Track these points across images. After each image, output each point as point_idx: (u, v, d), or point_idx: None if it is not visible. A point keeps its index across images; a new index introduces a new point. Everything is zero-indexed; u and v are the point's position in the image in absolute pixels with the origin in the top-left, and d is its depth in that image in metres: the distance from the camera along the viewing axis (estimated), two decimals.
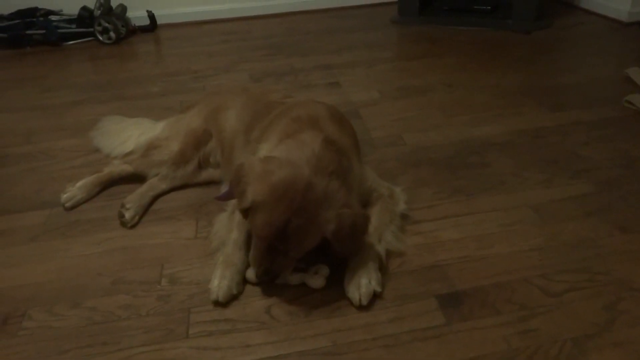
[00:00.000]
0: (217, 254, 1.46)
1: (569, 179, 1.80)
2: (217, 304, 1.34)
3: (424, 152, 2.02)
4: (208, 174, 1.90)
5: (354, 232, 1.31)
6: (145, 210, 1.76)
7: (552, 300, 1.30)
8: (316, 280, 1.38)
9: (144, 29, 3.81)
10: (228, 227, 1.50)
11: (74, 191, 1.81)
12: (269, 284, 1.37)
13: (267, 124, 1.61)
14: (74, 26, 3.61)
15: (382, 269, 1.40)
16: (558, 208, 1.65)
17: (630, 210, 1.63)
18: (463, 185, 1.80)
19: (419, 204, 1.70)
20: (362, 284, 1.32)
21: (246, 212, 1.32)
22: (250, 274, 1.39)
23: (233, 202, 1.50)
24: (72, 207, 1.79)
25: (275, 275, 1.34)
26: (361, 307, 1.30)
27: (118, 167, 1.90)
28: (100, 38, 3.59)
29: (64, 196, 1.80)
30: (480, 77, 2.70)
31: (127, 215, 1.69)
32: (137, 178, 1.88)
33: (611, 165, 1.87)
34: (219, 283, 1.35)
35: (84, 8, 3.61)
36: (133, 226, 1.69)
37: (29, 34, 3.55)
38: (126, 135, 2.06)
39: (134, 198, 1.74)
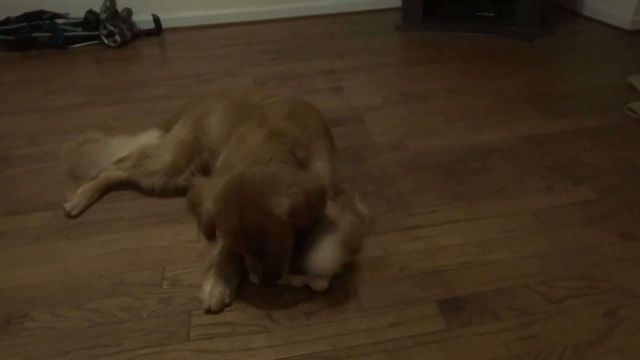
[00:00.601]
0: (208, 261, 1.45)
1: (571, 185, 1.80)
2: (208, 312, 1.34)
3: (426, 158, 2.03)
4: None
5: (311, 207, 1.28)
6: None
7: (553, 306, 1.30)
8: (318, 282, 1.38)
9: (149, 33, 3.84)
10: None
11: (77, 199, 1.80)
12: (272, 285, 1.37)
13: (240, 134, 1.55)
14: (79, 29, 3.64)
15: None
16: (560, 214, 1.65)
17: (633, 217, 1.63)
18: (465, 191, 1.80)
19: (420, 209, 1.71)
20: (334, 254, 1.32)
21: (211, 233, 1.33)
22: (254, 277, 1.39)
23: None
24: (78, 215, 1.79)
25: (275, 277, 1.34)
26: (361, 314, 1.31)
27: (113, 173, 1.88)
28: (106, 41, 3.61)
29: (68, 205, 1.78)
30: (483, 83, 2.71)
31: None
32: (132, 185, 1.87)
33: (614, 173, 1.87)
34: (212, 291, 1.35)
35: (90, 11, 3.64)
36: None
37: (35, 37, 3.58)
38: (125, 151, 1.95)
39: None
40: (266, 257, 1.30)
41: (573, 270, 1.42)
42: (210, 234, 1.33)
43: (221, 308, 1.35)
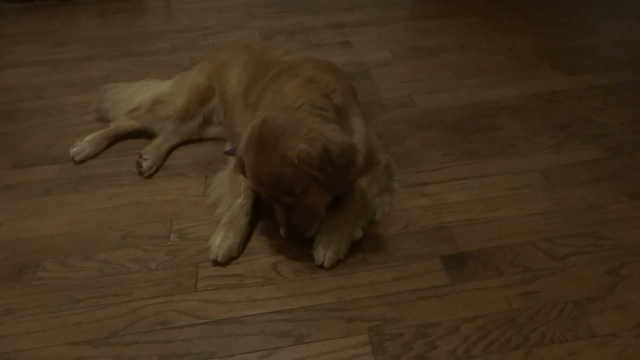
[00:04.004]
0: (220, 213, 1.48)
1: (580, 144, 1.78)
2: (215, 263, 1.37)
3: (434, 114, 2.00)
4: (216, 130, 1.90)
5: (330, 158, 1.23)
6: (162, 161, 1.80)
7: (556, 263, 1.32)
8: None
9: None
10: (232, 189, 1.51)
11: (82, 145, 1.84)
12: (300, 238, 1.38)
13: (262, 86, 1.57)
14: None
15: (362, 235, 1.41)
16: (568, 173, 1.64)
17: None
18: (473, 148, 1.79)
19: (427, 166, 1.70)
20: (330, 250, 1.33)
21: (243, 171, 1.36)
22: (283, 230, 1.40)
23: (232, 160, 1.51)
24: (82, 161, 1.82)
25: (300, 234, 1.35)
26: (366, 268, 1.33)
27: (125, 123, 1.92)
28: None
29: (73, 150, 1.83)
30: (495, 39, 2.64)
31: (145, 165, 1.73)
32: (143, 133, 1.90)
33: (625, 131, 1.84)
34: (221, 243, 1.37)
35: None
36: (150, 176, 1.74)
37: None
38: (136, 101, 2.03)
39: (151, 149, 1.77)
40: (291, 211, 1.31)
41: (578, 228, 1.42)
42: (242, 172, 1.37)
43: (228, 261, 1.37)
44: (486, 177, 1.64)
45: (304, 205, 1.31)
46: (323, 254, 1.33)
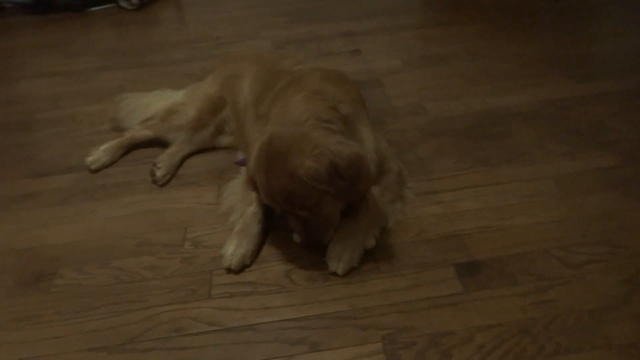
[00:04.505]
0: (233, 221, 1.50)
1: (593, 150, 1.77)
2: (229, 271, 1.38)
3: (445, 122, 2.01)
4: (228, 139, 1.93)
5: (334, 171, 1.23)
6: (176, 170, 1.82)
7: (571, 271, 1.31)
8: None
9: None
10: (244, 197, 1.52)
11: (98, 154, 1.87)
12: (316, 245, 1.39)
13: (272, 97, 1.58)
14: None
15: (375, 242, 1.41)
16: (581, 180, 1.64)
17: None
18: (485, 155, 1.78)
19: (439, 173, 1.70)
20: (344, 258, 1.33)
21: (254, 188, 1.37)
22: (297, 236, 1.41)
23: (244, 168, 1.53)
24: (97, 170, 1.85)
25: (316, 238, 1.36)
26: (379, 275, 1.33)
27: (139, 132, 1.95)
28: (122, 4, 3.59)
29: (89, 159, 1.86)
30: (505, 46, 2.64)
31: (159, 173, 1.75)
32: (157, 142, 1.92)
33: (638, 138, 1.83)
34: (234, 251, 1.38)
35: None
36: (164, 184, 1.76)
37: (54, 0, 3.57)
38: (150, 111, 2.05)
39: (164, 158, 1.80)
40: (306, 221, 1.32)
41: (593, 236, 1.42)
42: (255, 189, 1.37)
43: (241, 268, 1.38)
44: (499, 184, 1.64)
45: (318, 216, 1.32)
46: (337, 261, 1.33)
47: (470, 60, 2.51)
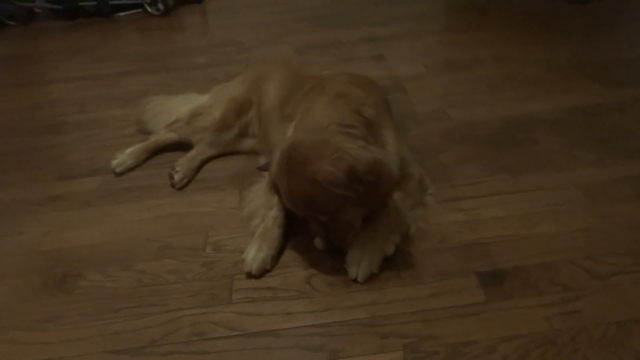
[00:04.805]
0: (255, 226, 1.50)
1: (623, 158, 1.73)
2: (249, 276, 1.38)
3: (469, 128, 1.98)
4: (250, 142, 1.94)
5: (354, 176, 1.22)
6: (195, 173, 1.83)
7: (598, 282, 1.27)
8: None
9: (191, 0, 3.85)
10: (266, 201, 1.52)
11: (123, 157, 1.90)
12: (337, 251, 1.38)
13: (296, 101, 1.59)
14: None
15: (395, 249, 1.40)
16: (609, 189, 1.60)
17: None
18: (509, 162, 1.76)
19: (463, 180, 1.68)
20: (363, 264, 1.32)
21: (277, 192, 1.38)
22: (318, 241, 1.41)
23: (267, 173, 1.53)
24: (122, 173, 1.88)
25: (335, 243, 1.35)
26: (400, 283, 1.32)
27: (164, 136, 1.97)
28: (149, 9, 3.66)
29: (114, 162, 1.89)
30: (532, 51, 2.60)
31: (177, 177, 1.77)
32: (182, 146, 1.94)
33: None
34: (255, 256, 1.38)
35: None
36: (181, 188, 1.77)
37: (82, 6, 3.65)
38: (175, 114, 2.07)
39: (183, 162, 1.82)
40: (327, 226, 1.32)
41: (621, 246, 1.38)
42: (277, 194, 1.39)
43: (262, 273, 1.38)
44: (523, 192, 1.61)
45: (340, 221, 1.31)
46: (356, 268, 1.32)
47: (495, 66, 2.48)
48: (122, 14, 3.68)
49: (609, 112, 2.01)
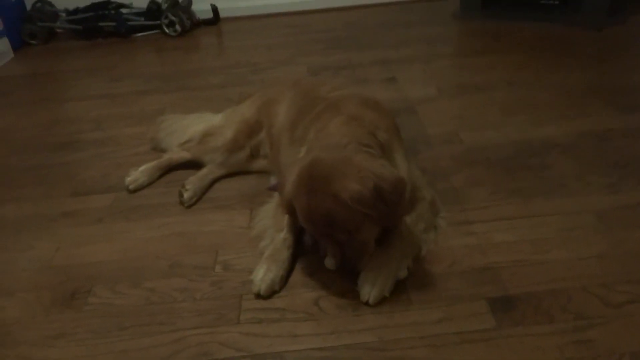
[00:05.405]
0: (263, 246, 1.50)
1: (637, 184, 1.71)
2: (258, 296, 1.37)
3: (481, 152, 1.97)
4: (261, 163, 1.95)
5: (382, 196, 1.23)
6: (204, 192, 1.85)
7: (612, 311, 1.25)
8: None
9: (207, 22, 3.92)
10: (276, 222, 1.53)
11: (136, 175, 1.92)
12: (348, 272, 1.37)
13: (307, 122, 1.60)
14: (142, 19, 3.77)
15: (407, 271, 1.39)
16: (624, 215, 1.57)
17: None
18: (521, 187, 1.74)
19: (473, 204, 1.67)
20: (377, 287, 1.32)
21: (291, 213, 1.36)
22: (329, 262, 1.40)
23: (277, 194, 1.54)
24: (135, 190, 1.90)
25: (351, 263, 1.34)
26: (409, 307, 1.30)
27: (177, 154, 2.00)
28: (167, 30, 3.73)
29: (128, 179, 1.91)
30: (545, 76, 2.60)
31: (186, 195, 1.78)
32: (194, 165, 1.96)
33: None
34: (264, 276, 1.38)
35: (153, 1, 3.77)
36: (190, 206, 1.78)
37: (101, 26, 3.74)
38: (189, 133, 2.09)
39: (193, 180, 1.84)
40: (343, 246, 1.31)
41: (635, 273, 1.35)
42: (291, 214, 1.38)
43: (270, 294, 1.38)
44: (535, 217, 1.60)
45: (357, 241, 1.31)
46: (369, 291, 1.32)
47: (508, 90, 2.48)
48: (140, 34, 3.76)
49: (623, 137, 1.99)
